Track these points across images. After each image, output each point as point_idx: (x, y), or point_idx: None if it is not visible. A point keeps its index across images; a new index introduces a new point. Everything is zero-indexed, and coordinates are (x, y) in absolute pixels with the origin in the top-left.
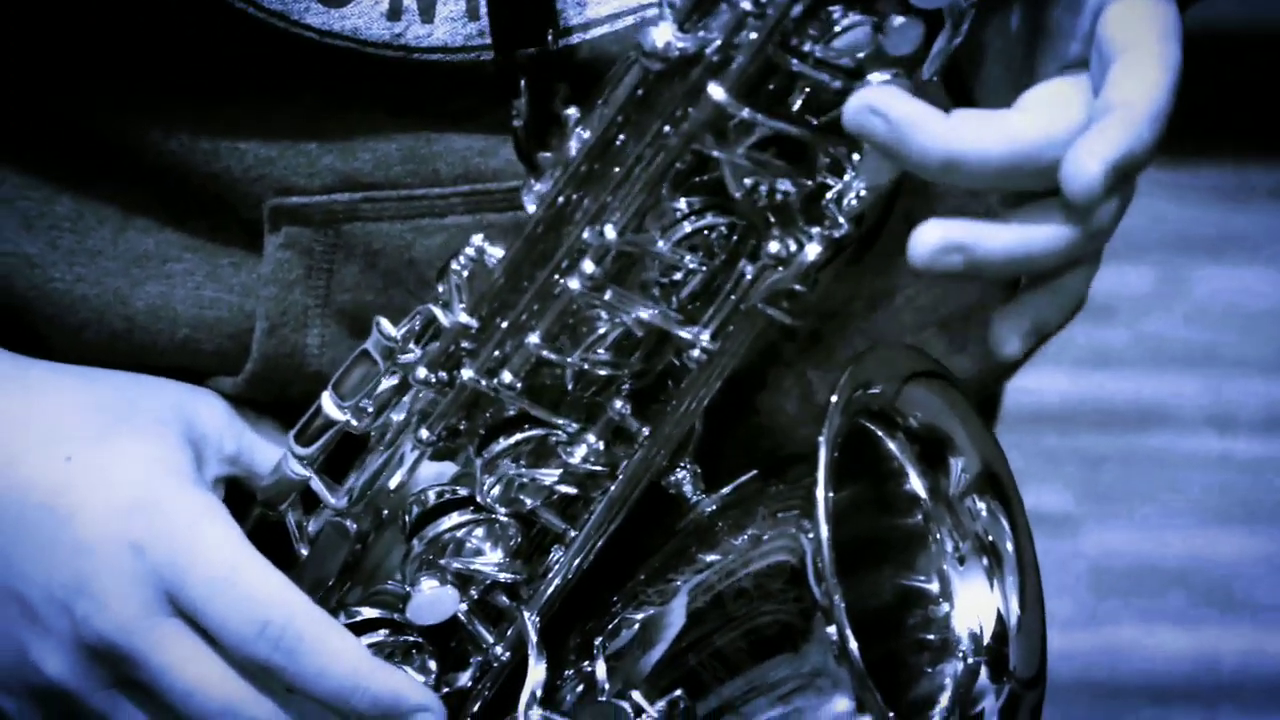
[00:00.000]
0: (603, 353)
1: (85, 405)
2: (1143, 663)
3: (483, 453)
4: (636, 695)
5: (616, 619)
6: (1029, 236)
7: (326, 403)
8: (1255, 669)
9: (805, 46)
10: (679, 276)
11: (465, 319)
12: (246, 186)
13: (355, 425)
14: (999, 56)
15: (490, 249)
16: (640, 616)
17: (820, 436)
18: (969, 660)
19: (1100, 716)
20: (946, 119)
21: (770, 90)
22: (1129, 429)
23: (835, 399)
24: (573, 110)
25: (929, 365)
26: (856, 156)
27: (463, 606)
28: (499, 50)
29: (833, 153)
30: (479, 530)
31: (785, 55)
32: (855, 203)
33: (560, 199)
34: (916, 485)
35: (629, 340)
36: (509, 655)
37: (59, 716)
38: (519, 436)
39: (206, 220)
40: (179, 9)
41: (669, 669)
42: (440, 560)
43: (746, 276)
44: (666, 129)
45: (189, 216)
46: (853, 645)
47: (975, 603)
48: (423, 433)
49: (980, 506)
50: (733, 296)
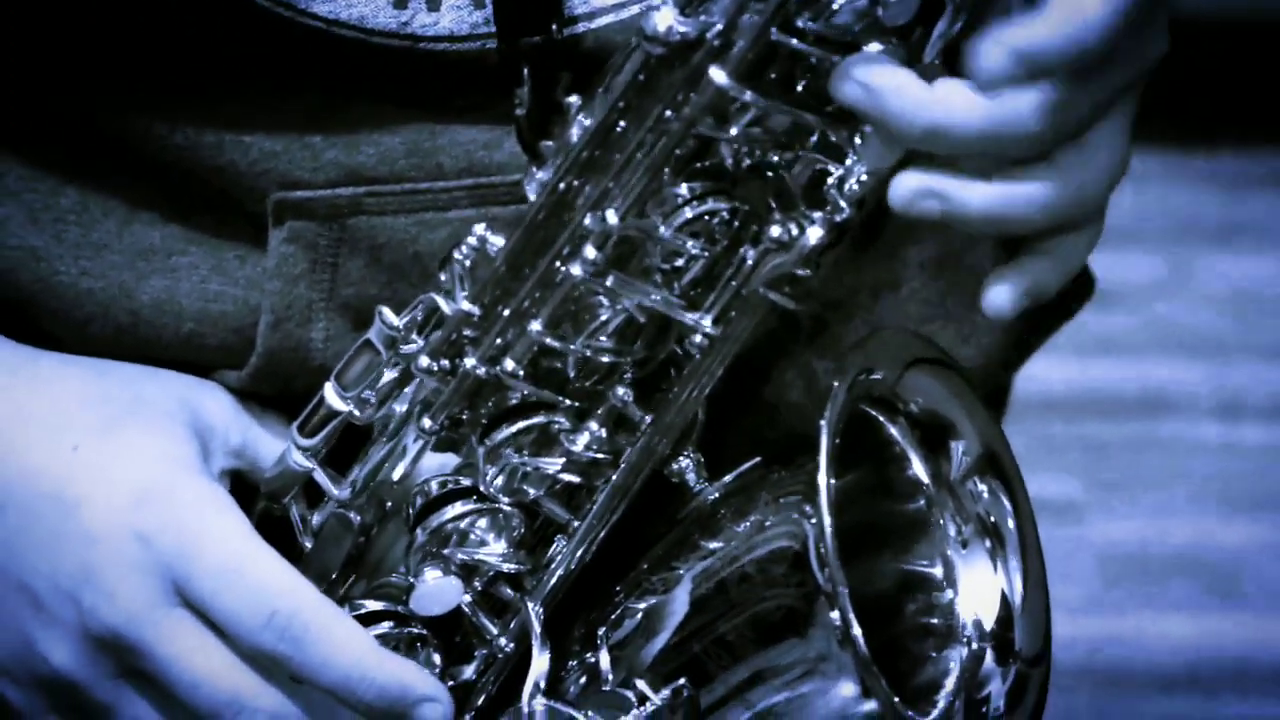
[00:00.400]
0: (605, 340)
1: (92, 397)
2: (1147, 650)
3: (485, 441)
4: (640, 684)
5: (620, 608)
6: (1009, 193)
7: (329, 393)
8: (1260, 656)
9: (805, 24)
10: (681, 262)
11: (467, 307)
12: (251, 180)
13: (358, 416)
14: None
15: (492, 238)
16: (643, 605)
17: (822, 420)
18: (974, 645)
19: (1105, 703)
20: (928, 87)
21: (772, 73)
22: (1135, 416)
23: (837, 384)
24: (574, 98)
25: (930, 351)
26: (859, 140)
27: (467, 598)
28: (503, 39)
29: (834, 137)
30: (482, 521)
31: (786, 35)
32: (857, 187)
33: (561, 185)
34: (919, 470)
35: (632, 327)
36: (513, 647)
37: (65, 707)
38: (521, 424)
39: (212, 214)
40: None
41: (673, 657)
42: (444, 551)
43: (748, 261)
44: (668, 114)
45: (194, 210)
46: (856, 630)
47: (979, 587)
48: (425, 422)
49: (981, 488)
50: (734, 281)
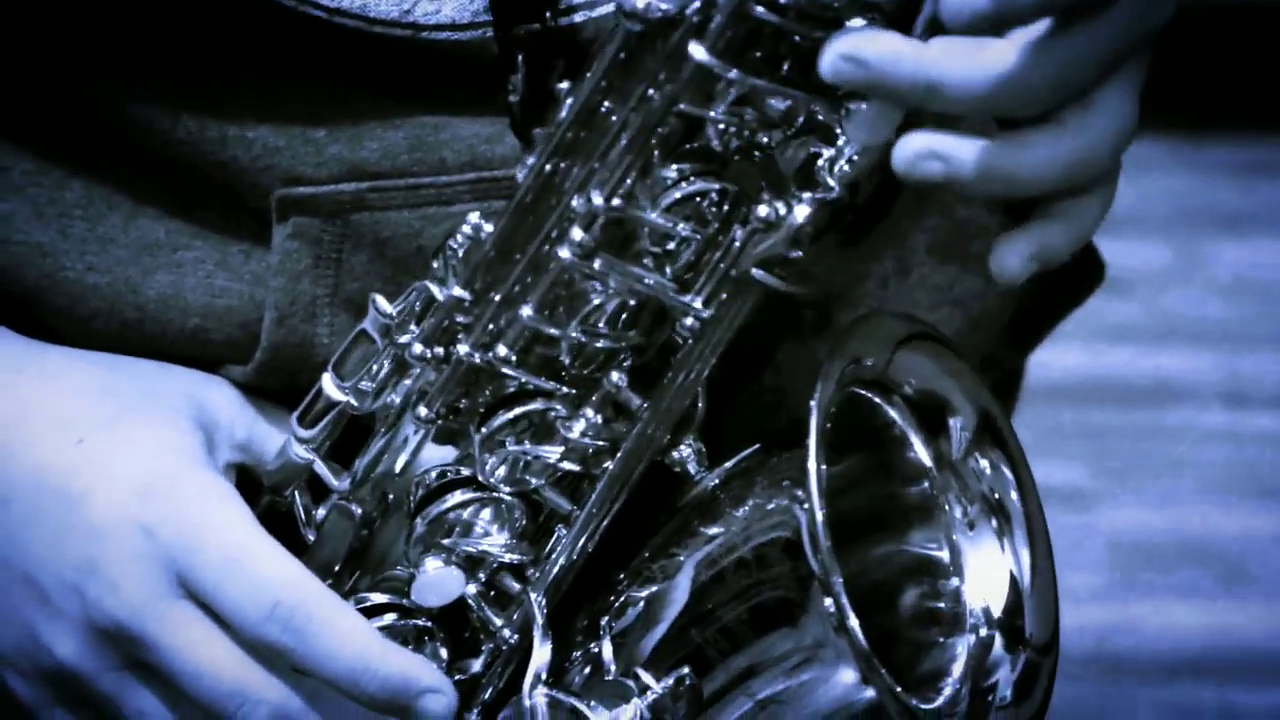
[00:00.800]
0: (599, 325)
1: (98, 391)
2: (1156, 638)
3: (482, 429)
4: (642, 673)
5: (622, 597)
6: (1011, 152)
7: (327, 383)
8: (1268, 644)
9: (785, 1)
10: (672, 246)
11: (459, 292)
12: (254, 176)
13: (356, 406)
14: None
15: (487, 226)
16: (645, 594)
17: (811, 402)
18: (982, 632)
19: (1113, 691)
20: (925, 47)
21: (755, 50)
22: (1143, 404)
23: (826, 368)
24: (564, 84)
25: (914, 327)
26: (846, 117)
27: (471, 590)
28: (499, 26)
29: (822, 116)
30: (484, 511)
31: (767, 11)
32: (848, 167)
33: (548, 168)
34: (921, 454)
35: (625, 313)
36: (517, 638)
37: (70, 699)
38: (517, 411)
39: (216, 209)
40: None
41: (674, 645)
42: (445, 542)
43: (737, 242)
44: (650, 92)
45: (198, 205)
46: (851, 616)
47: (987, 571)
48: (421, 410)
49: (983, 464)
50: (724, 263)
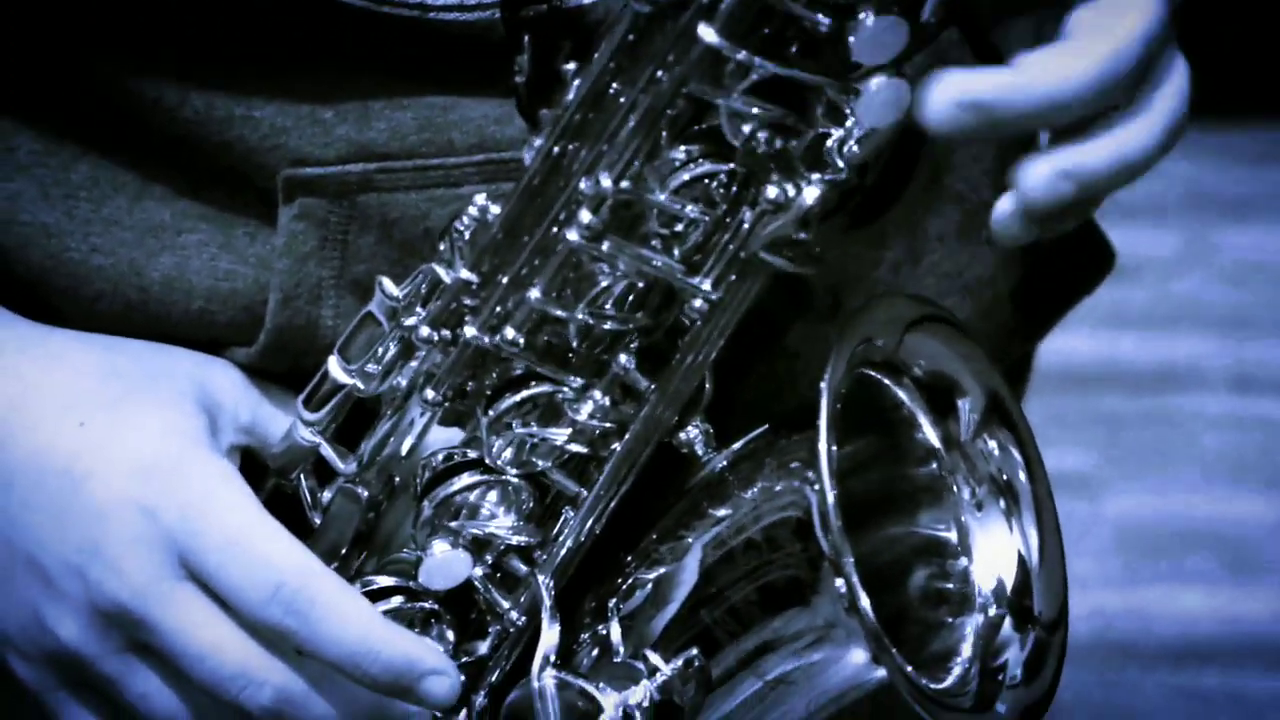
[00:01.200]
0: (607, 308)
1: (102, 372)
2: (1164, 624)
3: (489, 412)
4: (651, 654)
5: (630, 579)
6: (1043, 77)
7: (333, 366)
8: (1275, 630)
9: None
10: (680, 228)
11: (466, 275)
12: (261, 157)
13: (362, 388)
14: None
15: (494, 207)
16: (653, 575)
17: (822, 383)
18: (991, 612)
19: (1120, 677)
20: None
21: (764, 33)
22: (1152, 391)
23: (836, 350)
24: (571, 65)
25: (924, 308)
26: (854, 100)
27: (477, 572)
28: (505, 7)
29: (831, 97)
30: (490, 494)
31: None
32: (857, 149)
33: (555, 150)
34: (930, 435)
35: (633, 295)
36: (525, 621)
37: (73, 682)
38: (525, 394)
39: (222, 190)
40: None
41: (683, 627)
42: (452, 524)
43: (745, 224)
44: (659, 74)
45: (204, 186)
46: (863, 597)
47: (995, 551)
48: (429, 393)
49: (991, 445)
50: (732, 245)
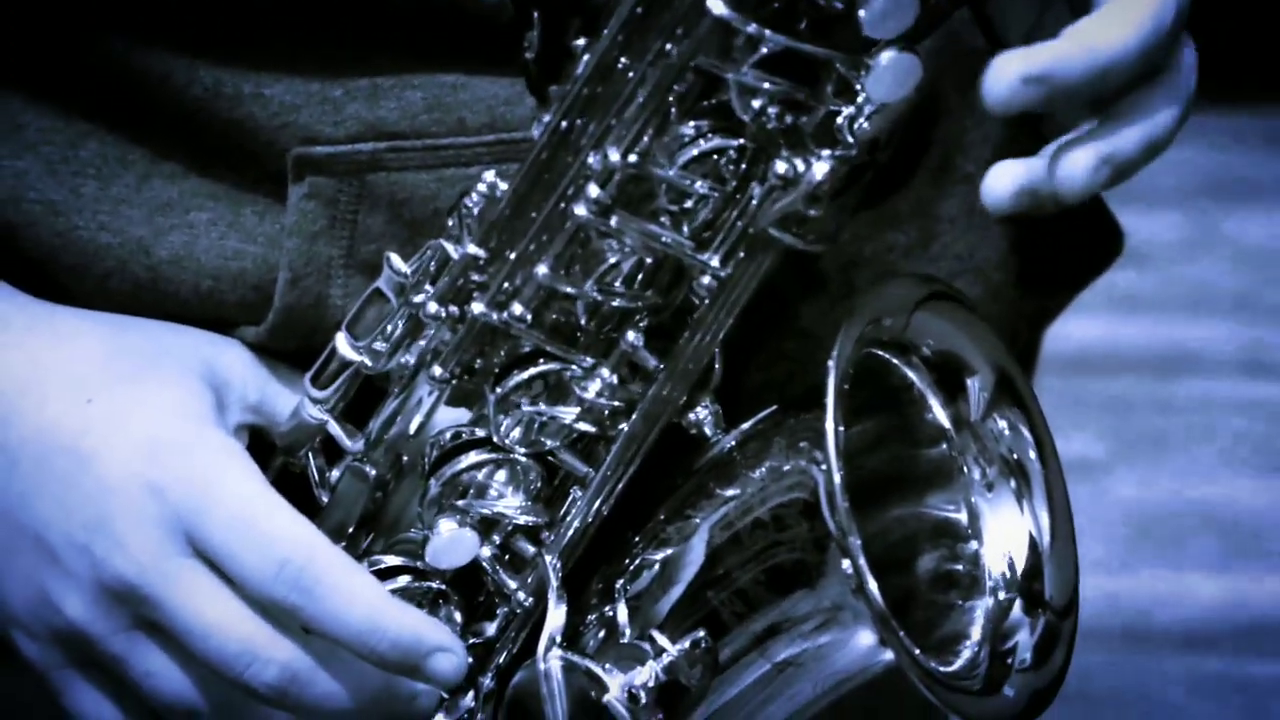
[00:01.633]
0: (616, 285)
1: (109, 350)
2: (1172, 608)
3: (497, 389)
4: (658, 635)
5: (637, 560)
6: (1099, 41)
7: (340, 343)
8: None
9: None
10: (689, 204)
11: (474, 250)
12: (270, 135)
13: (369, 365)
14: None
15: (502, 184)
16: (660, 556)
17: (829, 362)
18: (1001, 595)
19: (1129, 661)
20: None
21: (774, 6)
22: (1160, 375)
23: (843, 329)
24: (581, 41)
25: (932, 286)
26: (865, 71)
27: (485, 553)
28: None
29: (842, 72)
30: (498, 473)
31: None
32: (867, 125)
33: (564, 124)
34: (940, 416)
35: (642, 272)
36: (532, 602)
37: (79, 660)
38: (533, 371)
39: (231, 169)
40: None
41: (690, 608)
42: (459, 502)
43: (754, 200)
44: (668, 47)
45: (213, 165)
46: (869, 579)
47: (1006, 533)
48: (436, 370)
49: (1002, 425)
50: (741, 221)
